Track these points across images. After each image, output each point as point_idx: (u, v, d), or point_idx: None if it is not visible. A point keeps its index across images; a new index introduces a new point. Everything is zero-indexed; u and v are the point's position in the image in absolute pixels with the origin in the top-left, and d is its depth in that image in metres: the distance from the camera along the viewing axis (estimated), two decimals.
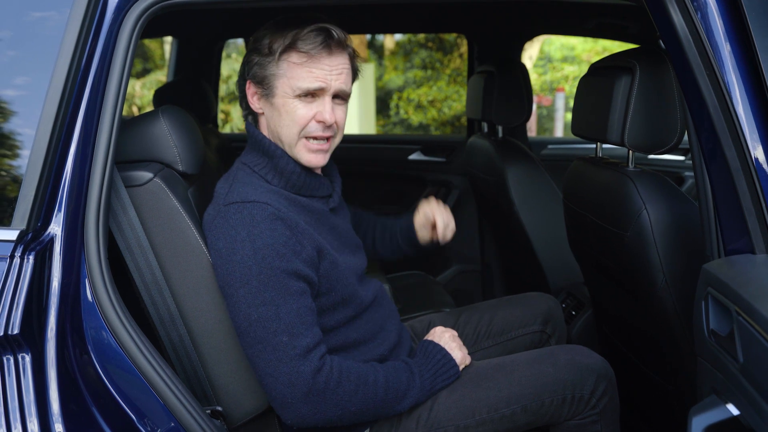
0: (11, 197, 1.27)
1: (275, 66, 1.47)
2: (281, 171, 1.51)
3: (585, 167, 1.92)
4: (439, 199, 3.49)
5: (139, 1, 1.35)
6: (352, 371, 1.44)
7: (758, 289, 1.03)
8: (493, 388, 1.56)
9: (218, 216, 1.45)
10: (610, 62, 1.75)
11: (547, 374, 1.58)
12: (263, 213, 1.41)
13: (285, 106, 1.48)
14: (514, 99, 2.69)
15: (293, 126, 1.48)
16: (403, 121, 10.55)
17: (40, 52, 1.32)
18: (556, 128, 10.50)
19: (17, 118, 1.32)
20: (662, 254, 1.58)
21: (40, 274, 1.23)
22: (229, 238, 1.40)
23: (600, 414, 1.59)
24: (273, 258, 1.38)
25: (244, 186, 1.48)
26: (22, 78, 1.34)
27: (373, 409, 1.47)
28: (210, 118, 3.13)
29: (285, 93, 1.47)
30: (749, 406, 0.98)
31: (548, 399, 1.56)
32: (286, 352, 1.37)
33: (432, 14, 3.16)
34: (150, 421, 1.32)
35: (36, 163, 1.27)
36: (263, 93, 1.51)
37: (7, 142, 1.32)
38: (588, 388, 1.58)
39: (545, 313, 1.92)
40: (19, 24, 1.34)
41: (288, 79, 1.46)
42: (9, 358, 1.17)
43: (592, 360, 1.63)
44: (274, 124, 1.51)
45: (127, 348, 1.31)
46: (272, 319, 1.37)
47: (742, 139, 1.18)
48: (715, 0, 1.26)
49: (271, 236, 1.39)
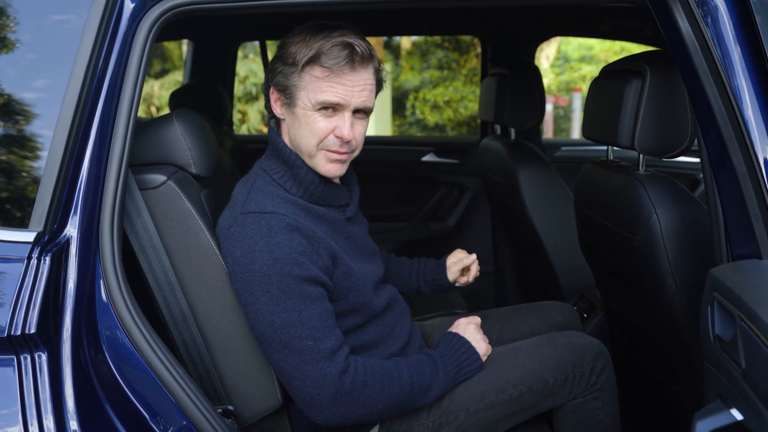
0: (29, 199, 1.30)
1: (298, 77, 1.47)
2: (300, 180, 1.52)
3: (596, 170, 1.93)
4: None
5: (153, 8, 1.38)
6: (376, 369, 1.48)
7: (761, 295, 1.03)
8: (499, 371, 1.62)
9: (235, 224, 1.46)
10: (621, 66, 1.76)
11: (549, 356, 1.64)
12: (281, 224, 1.43)
13: (305, 118, 1.48)
14: (526, 101, 2.69)
15: (312, 138, 1.49)
16: (419, 122, 10.55)
17: (58, 55, 1.35)
18: (573, 129, 10.43)
19: (36, 122, 1.35)
20: (672, 258, 1.58)
21: (57, 275, 1.26)
22: (247, 248, 1.42)
23: (600, 390, 1.66)
24: (292, 266, 1.40)
25: (262, 195, 1.49)
26: (41, 81, 1.36)
27: (400, 404, 1.51)
28: (225, 120, 3.17)
29: (305, 105, 1.48)
30: (751, 411, 0.98)
31: (551, 379, 1.61)
32: (312, 355, 1.40)
33: (446, 17, 3.17)
34: (162, 419, 1.34)
35: (53, 166, 1.29)
36: (285, 101, 1.52)
37: (25, 146, 1.35)
38: (587, 366, 1.64)
39: (560, 324, 1.92)
40: (39, 27, 1.36)
41: (309, 91, 1.46)
42: (26, 357, 1.20)
43: (588, 341, 1.70)
44: (294, 133, 1.53)
45: (141, 347, 1.33)
46: (296, 324, 1.40)
47: (749, 145, 1.18)
48: (725, 5, 1.26)
49: (288, 246, 1.41)
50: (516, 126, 2.77)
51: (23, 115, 1.35)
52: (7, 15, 1.38)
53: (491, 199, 3.15)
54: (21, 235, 1.26)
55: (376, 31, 4.02)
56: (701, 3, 1.26)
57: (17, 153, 1.35)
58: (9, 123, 1.35)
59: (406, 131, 10.68)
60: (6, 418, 1.17)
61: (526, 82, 2.69)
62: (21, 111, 1.35)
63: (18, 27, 1.37)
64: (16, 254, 1.24)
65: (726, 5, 1.26)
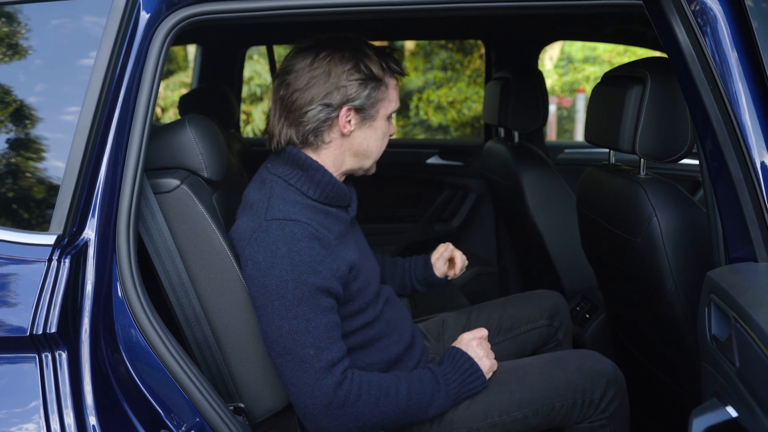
0: (49, 203, 1.34)
1: (384, 90, 1.58)
2: (318, 182, 1.55)
3: (598, 174, 1.96)
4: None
5: (168, 18, 1.41)
6: (373, 384, 1.49)
7: (755, 297, 1.07)
8: (505, 392, 1.60)
9: (259, 229, 1.49)
10: (622, 72, 1.79)
11: (558, 379, 1.62)
12: (303, 232, 1.46)
13: (381, 129, 1.60)
14: (530, 105, 2.73)
15: (383, 143, 1.63)
16: (422, 122, 10.57)
17: (77, 64, 1.39)
18: (576, 130, 10.44)
19: (56, 128, 1.38)
20: (672, 260, 1.61)
21: (75, 277, 1.30)
22: (270, 253, 1.45)
23: (609, 418, 1.63)
24: (309, 275, 1.43)
25: (283, 202, 1.52)
26: (61, 89, 1.41)
27: (396, 419, 1.51)
28: (233, 123, 3.21)
29: (384, 116, 1.59)
30: (745, 409, 1.02)
31: (559, 403, 1.60)
32: (311, 364, 1.43)
33: (449, 22, 3.20)
34: (176, 416, 1.38)
35: (72, 171, 1.33)
36: (360, 118, 1.56)
37: (45, 152, 1.40)
38: (598, 393, 1.61)
39: (551, 307, 1.99)
40: (58, 35, 1.40)
41: (390, 101, 1.58)
42: (47, 355, 1.24)
43: (602, 365, 1.66)
44: (365, 146, 1.60)
45: (156, 347, 1.37)
46: (302, 332, 1.43)
47: (746, 152, 1.21)
48: (723, 14, 1.29)
49: (308, 254, 1.45)
50: (519, 129, 2.81)
51: (43, 122, 1.39)
52: (23, 24, 1.43)
53: (495, 201, 3.19)
54: (42, 238, 1.30)
55: (383, 36, 4.06)
56: (700, 12, 1.29)
57: (37, 159, 1.40)
58: (29, 130, 1.40)
59: (409, 132, 10.70)
60: (29, 413, 1.21)
61: (530, 86, 2.73)
62: (41, 118, 1.39)
63: (36, 35, 1.41)
64: (37, 256, 1.28)
65: (724, 13, 1.29)
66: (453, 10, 1.43)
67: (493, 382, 1.63)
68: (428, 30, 3.66)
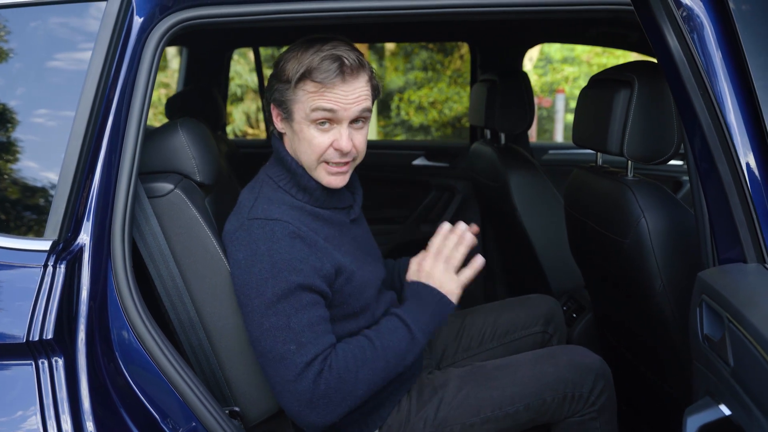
0: (44, 209, 1.34)
1: (292, 93, 1.49)
2: (304, 187, 1.56)
3: (585, 176, 1.99)
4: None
5: (161, 23, 1.41)
6: (348, 357, 1.46)
7: (747, 298, 1.09)
8: (497, 387, 1.63)
9: (241, 228, 1.50)
10: (609, 75, 1.81)
11: (549, 374, 1.65)
12: (284, 230, 1.46)
13: (302, 132, 1.51)
14: (516, 107, 2.76)
15: (311, 153, 1.51)
16: (404, 123, 10.59)
17: (71, 70, 1.38)
18: (556, 130, 10.52)
19: (50, 134, 1.38)
20: (660, 261, 1.63)
21: (71, 282, 1.30)
22: (250, 251, 1.46)
23: (599, 411, 1.67)
24: (289, 273, 1.44)
25: (268, 202, 1.53)
26: (54, 94, 1.40)
27: (380, 378, 1.50)
28: (220, 125, 3.20)
29: (302, 118, 1.50)
30: (739, 407, 1.04)
31: (549, 397, 1.63)
32: (293, 360, 1.42)
33: (435, 24, 3.22)
34: (173, 420, 1.38)
35: (67, 176, 1.33)
36: (284, 116, 1.55)
37: (39, 157, 1.39)
38: (587, 387, 1.65)
39: (547, 314, 2.00)
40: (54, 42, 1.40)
41: (303, 104, 1.48)
42: (44, 362, 1.24)
43: (591, 360, 1.70)
44: (294, 147, 1.55)
45: (151, 351, 1.37)
46: (283, 328, 1.43)
47: (733, 153, 1.23)
48: (710, 21, 1.32)
49: (289, 253, 1.45)
50: (506, 131, 2.83)
51: (37, 128, 1.38)
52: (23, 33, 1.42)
53: (482, 202, 3.21)
54: (37, 244, 1.30)
55: (366, 38, 4.07)
56: (687, 18, 1.32)
57: (32, 164, 1.39)
58: (24, 135, 1.39)
59: (391, 132, 10.72)
60: (26, 418, 1.21)
61: (516, 89, 2.75)
62: (35, 124, 1.38)
63: (33, 42, 1.40)
64: (32, 262, 1.28)
65: (709, 18, 1.32)
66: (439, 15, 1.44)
67: (485, 378, 1.65)
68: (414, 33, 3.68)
